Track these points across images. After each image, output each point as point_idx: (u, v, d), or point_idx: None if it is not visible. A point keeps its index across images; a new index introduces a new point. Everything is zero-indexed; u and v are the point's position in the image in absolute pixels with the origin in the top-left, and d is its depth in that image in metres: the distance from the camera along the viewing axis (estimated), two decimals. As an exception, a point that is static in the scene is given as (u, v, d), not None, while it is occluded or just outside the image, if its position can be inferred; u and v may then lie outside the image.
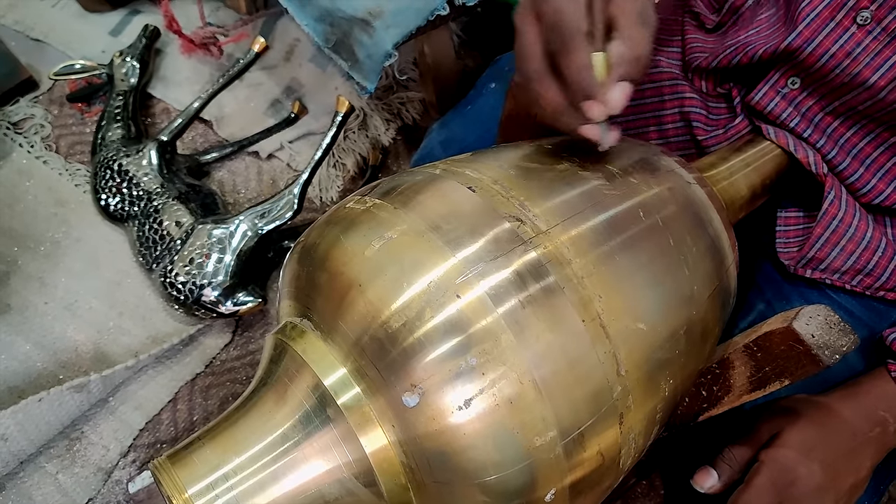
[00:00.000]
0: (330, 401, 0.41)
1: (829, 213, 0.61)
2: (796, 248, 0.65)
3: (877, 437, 0.56)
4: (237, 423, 0.42)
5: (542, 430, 0.39)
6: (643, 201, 0.48)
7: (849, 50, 0.56)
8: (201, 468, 0.40)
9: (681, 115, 0.71)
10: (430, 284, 0.40)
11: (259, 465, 0.40)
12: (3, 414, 0.67)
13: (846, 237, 0.61)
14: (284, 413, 0.42)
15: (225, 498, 0.39)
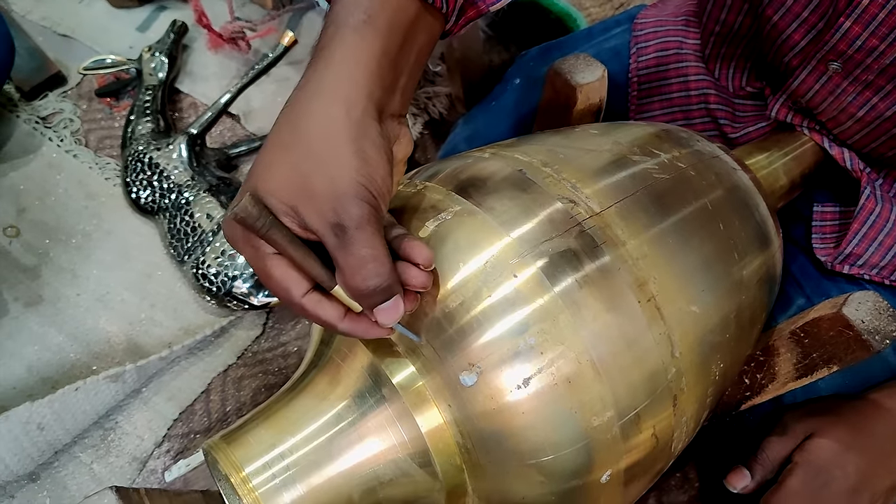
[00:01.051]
0: (385, 380, 0.41)
1: (867, 208, 0.61)
2: (833, 244, 0.65)
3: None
4: (291, 404, 0.42)
5: (599, 409, 0.39)
6: (692, 185, 0.48)
7: (830, 89, 0.57)
8: (257, 447, 0.40)
9: (707, 112, 0.71)
10: (486, 264, 0.40)
11: (314, 444, 0.40)
12: (40, 403, 0.67)
13: (884, 232, 0.61)
14: (338, 393, 0.42)
15: (282, 476, 0.39)
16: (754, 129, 0.69)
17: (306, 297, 0.36)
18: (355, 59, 0.36)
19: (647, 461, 0.43)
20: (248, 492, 0.39)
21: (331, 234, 0.34)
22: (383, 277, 0.35)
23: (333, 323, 0.37)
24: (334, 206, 0.34)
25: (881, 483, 0.54)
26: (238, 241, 0.36)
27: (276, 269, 0.36)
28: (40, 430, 0.67)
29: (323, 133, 0.35)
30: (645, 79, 0.74)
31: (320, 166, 0.34)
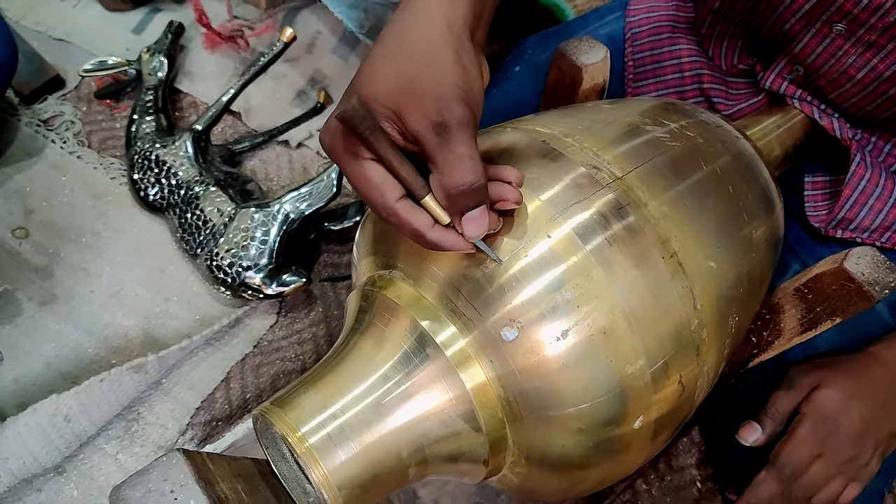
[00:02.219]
0: (428, 340, 0.43)
1: (857, 174, 0.64)
2: (825, 211, 0.68)
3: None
4: (338, 368, 0.44)
5: (632, 358, 0.42)
6: (702, 152, 0.51)
7: (832, 52, 0.59)
8: (309, 409, 0.42)
9: (700, 91, 0.74)
10: (520, 225, 0.42)
11: (364, 404, 0.43)
12: (67, 395, 0.68)
13: (874, 196, 0.65)
14: (383, 355, 0.44)
15: (336, 435, 0.41)
16: (746, 105, 0.72)
17: (400, 202, 0.38)
18: None
19: (675, 408, 0.46)
20: (305, 450, 0.41)
21: (432, 134, 0.36)
22: (479, 175, 0.37)
23: (423, 231, 0.39)
24: (438, 106, 0.36)
25: (883, 429, 0.58)
26: (337, 146, 0.39)
27: (375, 173, 0.38)
28: (67, 422, 0.68)
29: (428, 43, 0.38)
30: (640, 62, 0.77)
31: (425, 71, 0.37)
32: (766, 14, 0.63)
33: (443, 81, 0.37)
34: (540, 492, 0.51)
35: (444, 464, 0.45)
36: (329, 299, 0.86)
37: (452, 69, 0.37)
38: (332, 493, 0.40)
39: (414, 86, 0.37)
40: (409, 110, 0.37)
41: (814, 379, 0.58)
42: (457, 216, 0.39)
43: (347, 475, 0.41)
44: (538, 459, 0.45)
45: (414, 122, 0.37)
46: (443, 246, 0.39)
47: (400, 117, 0.37)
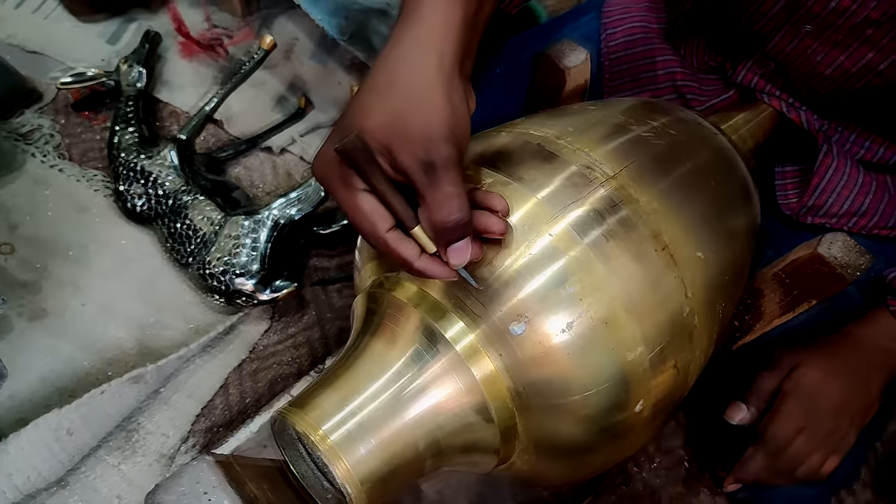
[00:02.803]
0: (438, 336, 0.45)
1: (825, 163, 0.68)
2: (795, 199, 0.72)
3: (883, 363, 0.63)
4: (352, 368, 0.46)
5: (633, 346, 0.45)
6: (685, 148, 0.54)
7: (802, 50, 0.62)
8: (328, 408, 0.44)
9: (674, 89, 0.78)
10: (523, 226, 0.45)
11: (380, 400, 0.45)
12: (68, 408, 0.68)
13: (841, 184, 0.69)
14: (395, 353, 0.46)
15: (355, 432, 0.43)
16: (718, 100, 0.76)
17: (390, 232, 0.40)
18: (445, 21, 0.41)
19: (671, 392, 0.49)
20: (328, 447, 0.42)
21: (420, 172, 0.38)
22: (464, 213, 0.39)
23: (410, 260, 0.41)
24: (426, 146, 0.38)
25: (859, 402, 0.62)
26: (331, 175, 0.40)
27: (367, 204, 0.40)
28: (69, 435, 0.69)
29: (419, 80, 0.39)
30: (615, 62, 0.80)
31: (415, 110, 0.39)
32: (736, 16, 0.66)
33: (431, 120, 0.39)
34: (546, 478, 0.53)
35: (458, 455, 0.47)
36: (321, 302, 0.87)
37: (442, 107, 0.39)
38: (355, 488, 0.42)
39: (404, 123, 0.39)
40: (400, 147, 0.39)
41: (794, 359, 0.62)
42: (442, 247, 0.41)
43: (369, 469, 0.43)
44: (547, 447, 0.47)
45: (404, 159, 0.39)
46: (428, 274, 0.42)
47: (390, 152, 0.39)
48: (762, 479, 0.63)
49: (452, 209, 0.39)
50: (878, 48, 0.56)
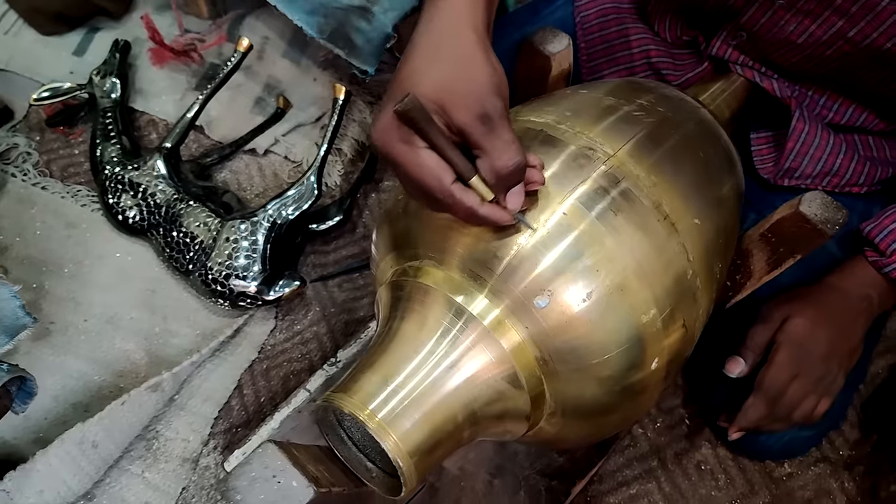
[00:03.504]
0: (465, 313, 0.48)
1: (798, 128, 0.73)
2: (772, 163, 0.77)
3: (864, 309, 0.68)
4: (388, 351, 0.49)
5: (646, 309, 0.48)
6: (672, 123, 0.58)
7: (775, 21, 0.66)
8: (372, 389, 0.47)
9: (649, 66, 0.81)
10: (537, 206, 0.48)
11: (419, 377, 0.47)
12: (91, 422, 0.69)
13: (814, 146, 0.73)
14: (426, 333, 0.49)
15: (399, 408, 0.46)
16: (693, 74, 0.80)
17: (455, 184, 0.44)
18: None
19: (681, 349, 0.53)
20: (377, 424, 0.45)
21: (478, 124, 0.42)
22: (522, 156, 0.43)
23: (475, 208, 0.44)
24: (481, 101, 0.42)
25: (845, 347, 0.67)
26: (391, 139, 0.44)
27: (430, 160, 0.43)
28: (94, 448, 0.70)
29: (462, 51, 0.44)
30: (591, 44, 0.83)
31: (465, 74, 0.43)
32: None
33: (481, 80, 0.43)
34: (569, 440, 0.57)
35: (492, 423, 0.50)
36: (323, 298, 0.89)
37: (487, 69, 0.44)
38: (405, 461, 0.45)
39: (457, 85, 0.43)
40: (456, 105, 0.42)
41: (783, 311, 0.67)
42: (502, 193, 0.44)
43: (415, 442, 0.46)
44: (572, 409, 0.51)
45: (461, 116, 0.42)
46: (492, 220, 0.45)
47: (445, 111, 0.43)
48: (762, 426, 0.68)
49: (513, 153, 0.43)
50: (847, 16, 0.60)
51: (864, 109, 0.73)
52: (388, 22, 0.82)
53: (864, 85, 0.68)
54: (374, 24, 0.83)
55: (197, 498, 0.75)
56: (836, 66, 0.66)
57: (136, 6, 1.13)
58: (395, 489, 0.50)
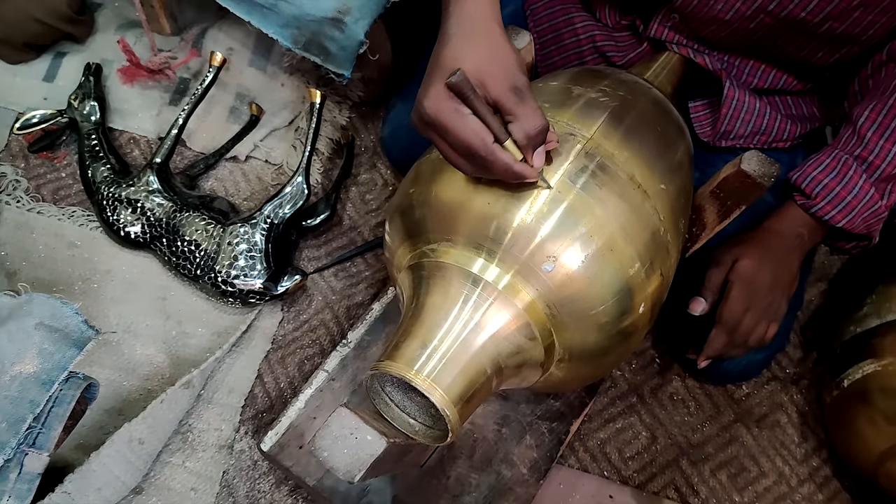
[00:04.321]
0: (482, 281, 0.57)
1: (729, 95, 0.84)
2: (710, 128, 0.88)
3: (798, 245, 0.80)
4: (420, 320, 0.58)
5: (632, 263, 0.59)
6: (633, 104, 0.68)
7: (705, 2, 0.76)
8: (414, 353, 0.56)
9: (595, 49, 0.91)
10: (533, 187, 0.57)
11: (450, 339, 0.56)
12: (136, 421, 0.75)
13: (744, 110, 0.85)
14: (450, 302, 0.58)
15: (440, 365, 0.55)
16: (634, 54, 0.90)
17: (494, 144, 0.53)
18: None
19: (660, 294, 0.63)
20: (423, 380, 0.54)
21: (511, 95, 0.53)
22: (546, 121, 0.54)
23: (511, 163, 0.54)
24: (512, 77, 0.54)
25: (785, 278, 0.79)
26: (442, 108, 0.53)
27: (475, 124, 0.53)
28: (141, 444, 0.76)
29: (493, 36, 0.56)
30: (542, 33, 0.92)
31: (496, 55, 0.55)
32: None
33: (511, 62, 0.55)
34: (572, 382, 0.67)
35: (513, 372, 0.60)
36: (323, 287, 0.97)
37: (513, 52, 0.56)
38: (451, 410, 0.54)
39: (492, 65, 0.54)
40: (492, 81, 0.53)
41: (733, 254, 0.78)
42: (530, 151, 0.55)
43: (456, 394, 0.55)
44: (578, 354, 0.61)
45: (496, 88, 0.53)
46: (524, 174, 0.55)
47: (484, 86, 0.53)
48: (724, 353, 0.79)
49: (539, 118, 0.54)
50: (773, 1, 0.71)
51: (784, 73, 0.85)
52: (359, 30, 0.89)
53: (784, 52, 0.79)
54: (346, 33, 0.90)
55: (238, 478, 0.82)
56: (759, 37, 0.77)
57: (98, 28, 1.16)
58: (439, 438, 0.59)
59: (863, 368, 0.84)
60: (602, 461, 0.90)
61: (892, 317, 0.85)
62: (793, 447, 0.93)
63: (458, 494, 0.80)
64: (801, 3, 0.71)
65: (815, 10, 0.71)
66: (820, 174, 0.75)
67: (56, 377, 0.60)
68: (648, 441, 0.92)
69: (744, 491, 0.89)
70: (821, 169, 0.76)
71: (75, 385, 0.63)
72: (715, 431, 0.93)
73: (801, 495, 0.89)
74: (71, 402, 0.62)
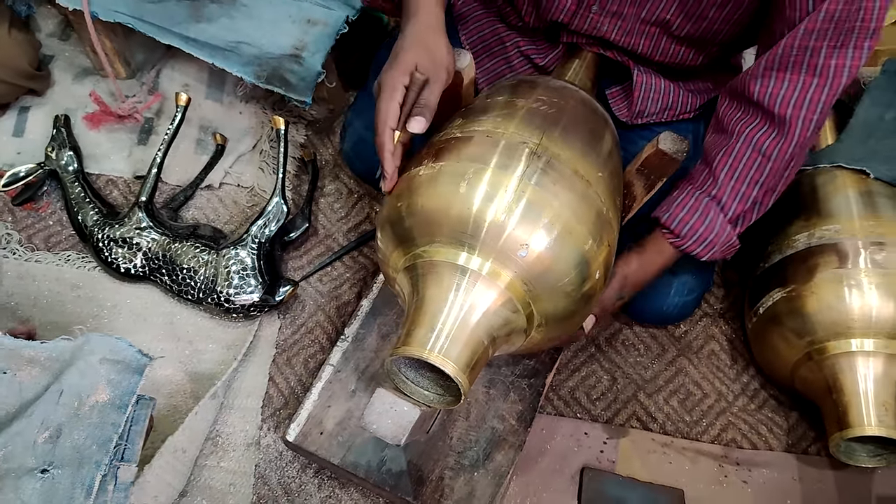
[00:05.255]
0: (468, 271, 0.71)
1: (638, 80, 1.00)
2: (626, 110, 1.04)
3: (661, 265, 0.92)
4: (422, 310, 0.71)
5: (586, 240, 0.73)
6: (566, 107, 0.83)
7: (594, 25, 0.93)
8: (424, 337, 0.68)
9: (520, 54, 1.06)
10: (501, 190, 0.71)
11: (451, 321, 0.69)
12: (177, 433, 0.85)
13: (652, 91, 1.01)
14: (445, 291, 0.71)
15: (448, 342, 0.67)
16: (553, 55, 1.05)
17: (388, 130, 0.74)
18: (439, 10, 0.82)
19: (609, 260, 0.78)
20: (437, 357, 0.67)
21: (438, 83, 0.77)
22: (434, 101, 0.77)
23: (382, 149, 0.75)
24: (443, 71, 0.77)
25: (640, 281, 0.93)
26: (384, 86, 0.75)
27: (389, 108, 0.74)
28: (184, 453, 0.87)
29: (436, 41, 0.79)
30: (474, 45, 1.06)
31: (435, 55, 0.77)
32: (544, 12, 0.94)
33: (445, 60, 0.78)
34: (549, 342, 0.81)
35: (504, 340, 0.74)
36: (312, 293, 1.08)
37: (449, 55, 0.79)
38: (461, 377, 0.68)
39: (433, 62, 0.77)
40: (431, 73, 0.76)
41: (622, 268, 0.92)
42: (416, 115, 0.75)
43: (464, 364, 0.68)
44: (552, 318, 0.75)
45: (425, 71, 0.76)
46: (383, 164, 0.76)
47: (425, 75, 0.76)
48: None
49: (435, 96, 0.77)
50: (638, 7, 0.88)
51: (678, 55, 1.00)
52: (316, 63, 1.00)
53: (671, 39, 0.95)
54: (305, 66, 1.00)
55: (269, 469, 0.94)
56: (646, 37, 0.93)
57: (55, 80, 1.22)
58: (452, 402, 0.72)
59: (773, 297, 1.02)
60: (574, 405, 1.06)
61: (791, 251, 1.04)
62: (726, 369, 1.11)
63: (461, 451, 0.94)
64: (664, 8, 0.88)
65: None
66: (686, 216, 0.88)
67: (127, 401, 0.70)
68: (609, 383, 1.08)
69: (692, 411, 1.07)
70: (686, 210, 0.88)
71: (145, 405, 0.73)
72: (663, 366, 1.10)
73: (738, 407, 1.08)
74: (146, 420, 0.72)
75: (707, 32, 0.91)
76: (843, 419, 0.93)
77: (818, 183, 1.08)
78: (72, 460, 0.66)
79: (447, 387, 0.73)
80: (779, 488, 1.00)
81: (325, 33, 1.00)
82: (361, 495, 0.94)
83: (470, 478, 0.92)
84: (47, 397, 0.69)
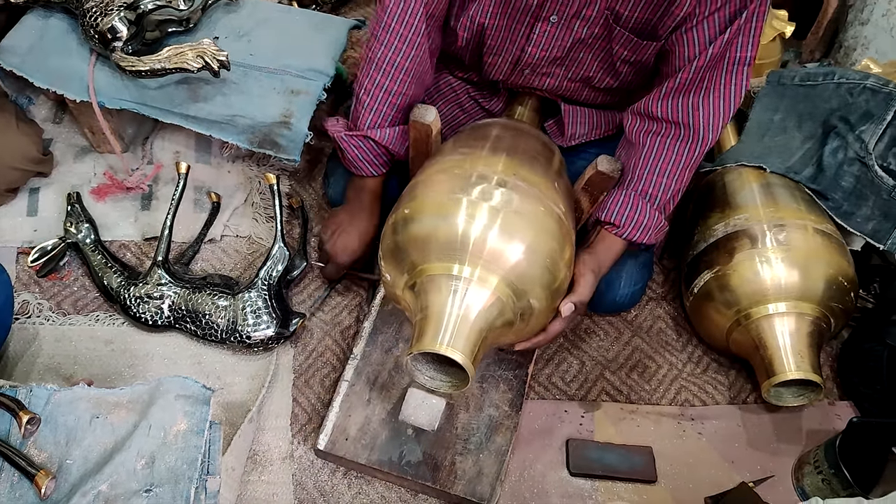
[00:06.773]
0: (461, 278, 0.89)
1: (566, 111, 1.21)
2: (560, 137, 1.25)
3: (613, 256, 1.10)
4: (429, 316, 0.88)
5: (554, 248, 0.92)
6: (522, 142, 1.03)
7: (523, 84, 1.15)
8: (434, 335, 0.86)
9: (472, 100, 1.26)
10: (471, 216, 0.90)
11: (454, 321, 0.87)
12: (227, 454, 0.99)
13: (579, 118, 1.22)
14: (444, 297, 0.88)
15: (453, 339, 0.85)
16: (497, 100, 1.25)
17: None
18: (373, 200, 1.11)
19: (571, 257, 0.98)
20: (447, 349, 0.84)
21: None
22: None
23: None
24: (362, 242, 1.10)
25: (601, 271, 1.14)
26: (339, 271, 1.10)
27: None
28: (233, 471, 1.01)
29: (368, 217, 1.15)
30: (430, 94, 1.25)
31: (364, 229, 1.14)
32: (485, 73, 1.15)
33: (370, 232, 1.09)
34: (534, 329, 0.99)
35: (499, 331, 0.92)
36: (316, 322, 1.24)
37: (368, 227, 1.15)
38: (467, 364, 0.85)
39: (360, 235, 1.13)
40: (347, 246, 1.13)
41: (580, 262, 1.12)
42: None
43: (469, 352, 0.86)
44: (535, 312, 0.94)
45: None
46: None
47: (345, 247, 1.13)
48: None
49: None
50: (565, 70, 1.10)
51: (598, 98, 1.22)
52: (303, 126, 1.17)
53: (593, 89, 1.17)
54: (293, 130, 1.17)
55: (304, 476, 1.08)
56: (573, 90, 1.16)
57: (58, 160, 1.35)
58: (459, 387, 0.90)
59: (703, 278, 1.24)
60: (552, 389, 1.25)
61: (713, 239, 1.25)
62: (674, 343, 1.32)
63: (467, 438, 1.11)
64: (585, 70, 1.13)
65: None
66: (621, 209, 1.06)
67: (203, 427, 0.85)
68: (579, 366, 1.27)
69: (650, 381, 1.27)
70: (619, 205, 1.06)
71: (218, 429, 0.88)
72: (621, 347, 1.30)
73: (687, 373, 1.28)
74: (220, 441, 0.87)
75: (622, 83, 1.13)
76: (770, 369, 1.14)
77: (727, 180, 1.30)
78: (169, 479, 0.80)
79: (454, 374, 0.91)
80: (728, 435, 1.20)
81: (308, 101, 1.18)
82: (385, 488, 1.09)
83: (476, 459, 1.09)
84: (139, 432, 0.83)
